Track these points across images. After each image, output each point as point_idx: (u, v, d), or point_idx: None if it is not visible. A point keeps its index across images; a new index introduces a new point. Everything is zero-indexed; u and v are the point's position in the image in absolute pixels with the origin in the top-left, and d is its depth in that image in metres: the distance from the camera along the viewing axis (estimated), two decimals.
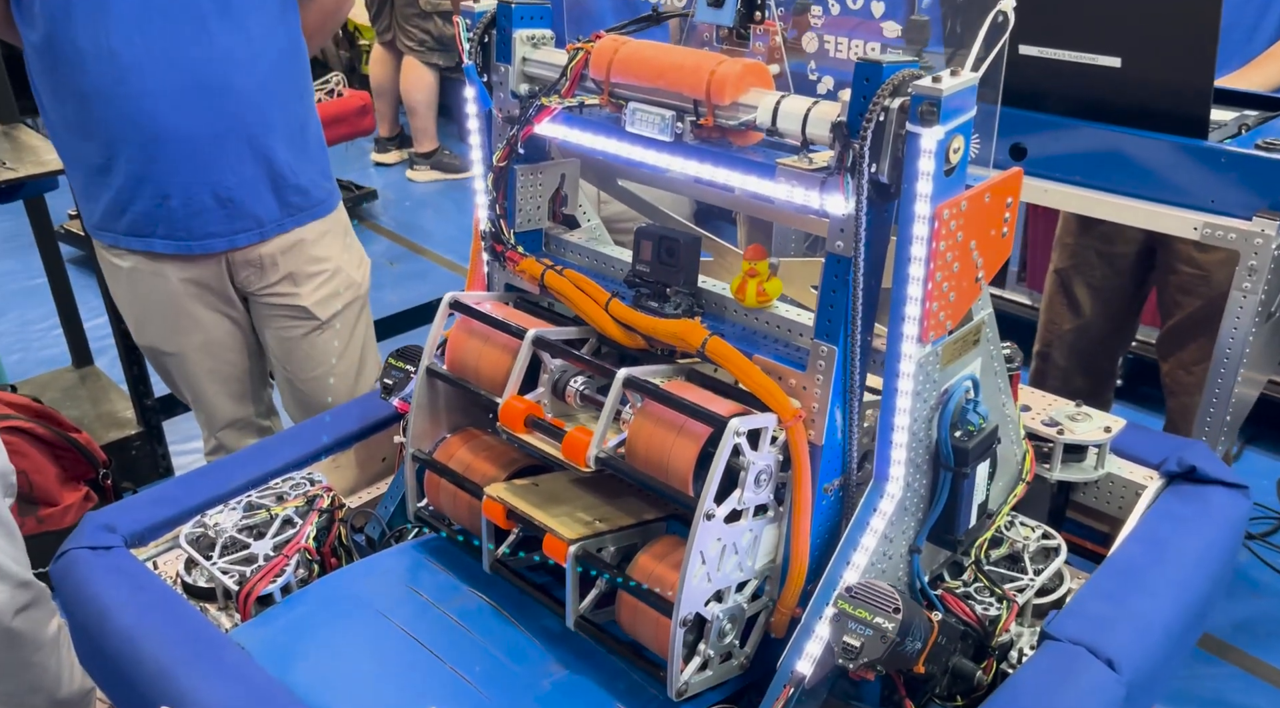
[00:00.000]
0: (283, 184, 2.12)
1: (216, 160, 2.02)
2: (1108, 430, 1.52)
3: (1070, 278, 2.77)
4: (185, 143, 1.98)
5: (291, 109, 2.11)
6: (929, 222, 1.09)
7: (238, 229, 2.10)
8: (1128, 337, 2.88)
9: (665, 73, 1.27)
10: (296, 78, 2.13)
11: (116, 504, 1.54)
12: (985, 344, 1.29)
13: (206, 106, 1.97)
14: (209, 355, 2.24)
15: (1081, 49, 1.71)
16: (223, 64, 1.96)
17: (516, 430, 1.36)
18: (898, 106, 1.07)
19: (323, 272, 2.23)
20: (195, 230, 2.08)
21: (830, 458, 1.25)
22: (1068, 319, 2.81)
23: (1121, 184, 1.74)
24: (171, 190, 2.02)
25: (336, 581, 1.45)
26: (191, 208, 2.05)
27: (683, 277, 1.36)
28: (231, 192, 2.05)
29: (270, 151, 2.07)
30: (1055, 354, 2.87)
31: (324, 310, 2.25)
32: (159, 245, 2.09)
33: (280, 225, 2.15)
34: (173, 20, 1.90)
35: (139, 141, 1.97)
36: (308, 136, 2.18)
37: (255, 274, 2.17)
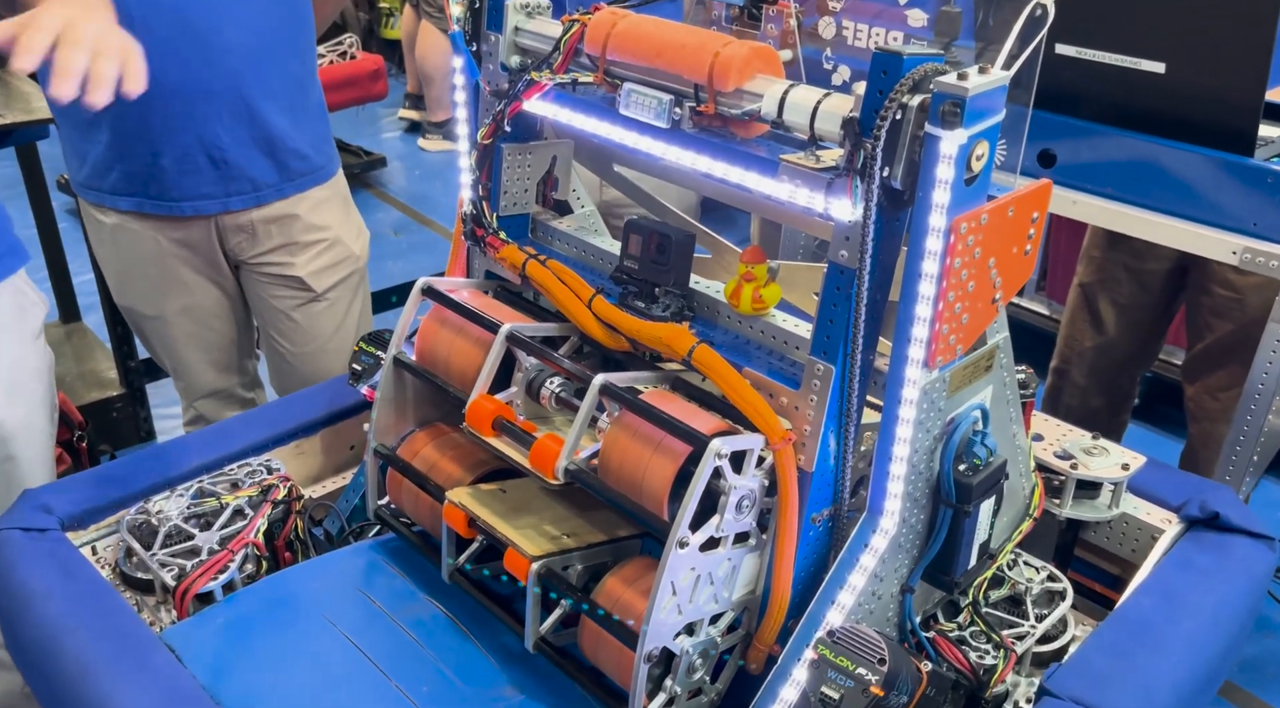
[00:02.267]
0: (280, 147, 2.01)
1: (210, 118, 1.91)
2: (1125, 467, 1.40)
3: (1095, 293, 2.64)
4: (178, 98, 1.88)
5: (290, 69, 2.00)
6: (944, 235, 0.98)
7: (231, 191, 2.00)
8: (1150, 357, 2.75)
9: (665, 52, 1.15)
10: (297, 37, 2.02)
11: (55, 483, 1.44)
12: (998, 370, 1.18)
13: (202, 62, 1.87)
14: (191, 321, 2.14)
15: (1123, 52, 1.59)
16: (220, 18, 1.86)
17: (483, 433, 1.25)
18: (917, 104, 0.96)
19: (320, 241, 2.13)
20: (187, 190, 1.97)
21: (820, 486, 1.14)
22: (1089, 336, 2.68)
23: (1157, 200, 1.62)
24: (163, 147, 1.92)
25: (283, 580, 1.35)
26: (183, 167, 1.95)
27: (673, 277, 1.25)
28: (226, 152, 1.95)
29: (267, 112, 1.97)
30: (1073, 372, 2.75)
31: (320, 282, 2.15)
32: (148, 206, 1.99)
33: (279, 191, 2.04)
34: None
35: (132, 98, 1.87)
36: (308, 99, 2.07)
37: (247, 241, 2.07)
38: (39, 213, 3.43)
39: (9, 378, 1.66)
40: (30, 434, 1.71)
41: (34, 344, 1.71)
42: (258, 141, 1.98)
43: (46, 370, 1.75)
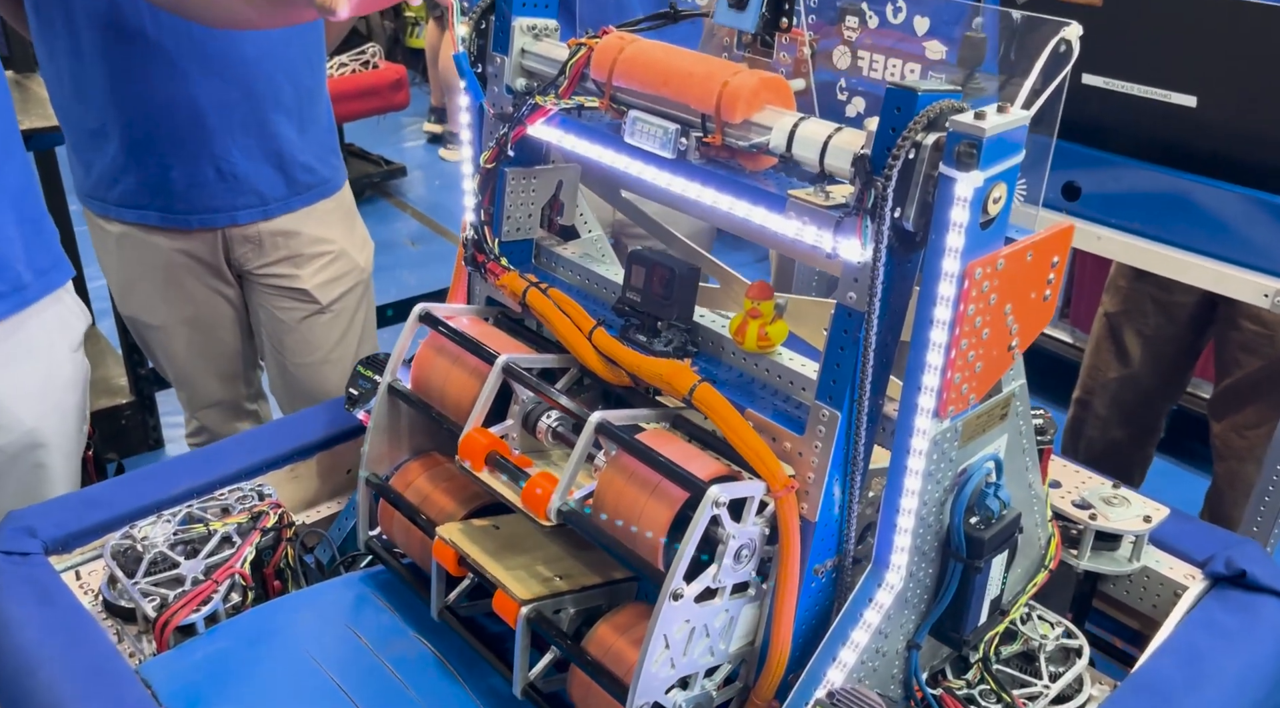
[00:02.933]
0: (288, 160, 1.99)
1: (220, 131, 1.90)
2: (1147, 520, 1.34)
3: (1121, 324, 2.58)
4: (188, 111, 1.86)
5: (301, 81, 1.98)
6: (957, 280, 0.93)
7: (239, 205, 1.98)
8: (1177, 391, 2.68)
9: (671, 80, 1.11)
10: (308, 49, 2.00)
11: (41, 505, 1.41)
12: (1014, 419, 1.13)
13: (212, 74, 1.85)
14: (195, 331, 2.12)
15: (1152, 84, 1.53)
16: (232, 33, 1.83)
17: (475, 468, 1.21)
18: (932, 143, 0.91)
19: (326, 254, 2.10)
20: (195, 204, 1.95)
21: (824, 536, 1.09)
22: (1113, 368, 2.62)
23: (1185, 237, 1.55)
24: (172, 160, 1.90)
25: (268, 613, 1.31)
26: (192, 180, 1.93)
27: (676, 311, 1.21)
28: (235, 165, 1.93)
29: (276, 125, 1.95)
30: (1096, 403, 2.68)
31: (325, 294, 2.12)
32: (154, 217, 1.97)
33: (286, 204, 2.02)
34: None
35: (138, 108, 1.85)
36: (317, 112, 2.05)
37: (253, 251, 2.04)
38: (56, 218, 3.41)
39: (45, 388, 1.67)
40: (61, 443, 1.72)
41: (72, 356, 1.72)
42: (266, 155, 1.96)
43: (82, 381, 1.76)
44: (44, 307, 1.65)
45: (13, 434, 1.63)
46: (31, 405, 1.64)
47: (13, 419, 1.63)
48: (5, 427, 1.62)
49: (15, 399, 1.63)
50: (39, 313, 1.64)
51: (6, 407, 1.62)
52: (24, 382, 1.63)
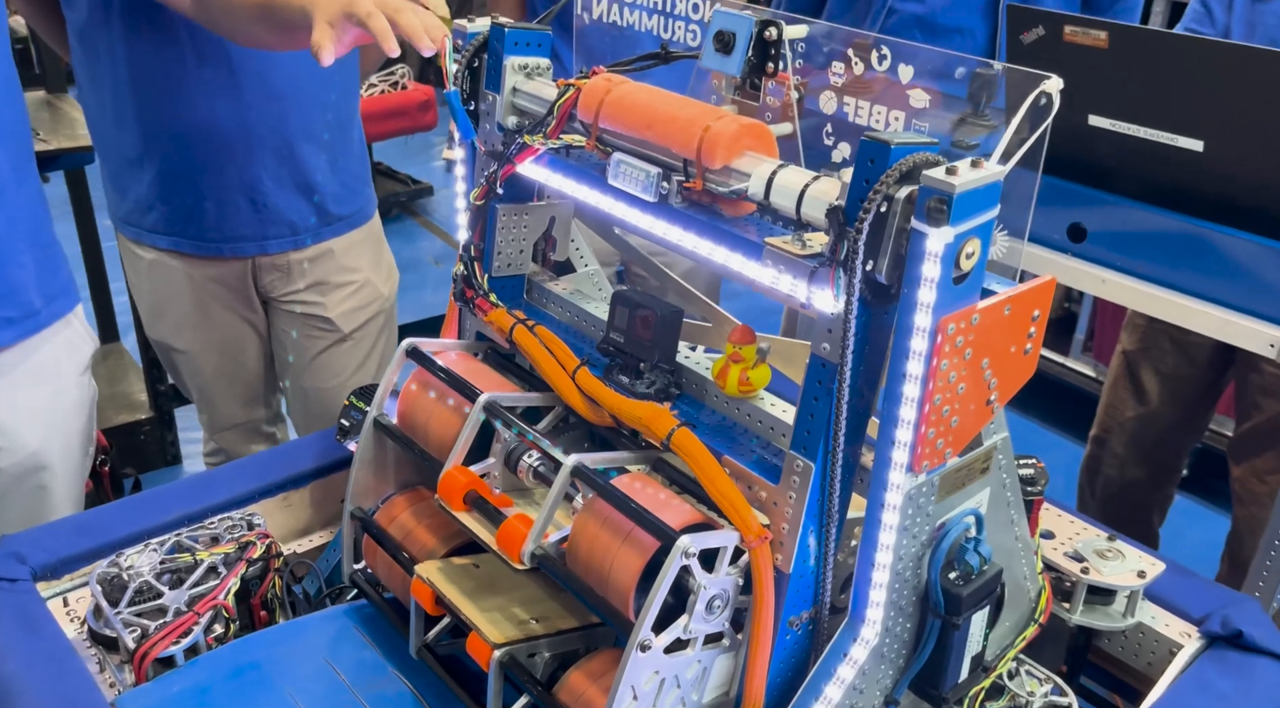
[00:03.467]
0: (319, 191, 2.01)
1: (253, 161, 1.92)
2: (1142, 575, 1.31)
3: (1138, 363, 2.54)
4: (223, 140, 1.88)
5: (335, 114, 2.00)
6: (929, 335, 0.91)
7: (269, 234, 2.00)
8: (1196, 431, 2.63)
9: (655, 124, 1.10)
10: (344, 80, 2.02)
11: (30, 531, 1.42)
12: (996, 472, 1.10)
13: (248, 106, 1.87)
14: (221, 356, 2.14)
15: (1159, 127, 1.50)
16: (267, 62, 1.86)
17: (453, 507, 1.20)
18: (904, 197, 0.89)
19: (351, 283, 2.12)
20: (226, 232, 1.98)
21: (799, 588, 1.07)
22: (1131, 406, 2.57)
23: (1190, 283, 1.52)
24: (205, 190, 1.93)
25: (248, 646, 1.30)
26: (224, 209, 1.95)
27: (657, 354, 1.20)
28: (267, 195, 1.95)
29: (309, 156, 1.97)
30: (1113, 441, 2.63)
31: (348, 323, 2.14)
32: (186, 245, 1.99)
33: (316, 234, 2.05)
34: None
35: (175, 137, 1.88)
36: (350, 142, 2.07)
37: (281, 279, 2.06)
38: (84, 234, 3.49)
39: (51, 411, 1.69)
40: (65, 466, 1.73)
41: (78, 379, 1.74)
42: (299, 185, 1.98)
43: (88, 405, 1.78)
44: (54, 331, 1.67)
45: (17, 456, 1.65)
46: (37, 428, 1.66)
47: (18, 442, 1.65)
48: (10, 449, 1.64)
49: (21, 422, 1.64)
50: (49, 338, 1.66)
51: (12, 429, 1.64)
52: (30, 405, 1.65)
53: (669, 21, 1.28)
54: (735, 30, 1.12)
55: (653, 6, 1.29)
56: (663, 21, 1.29)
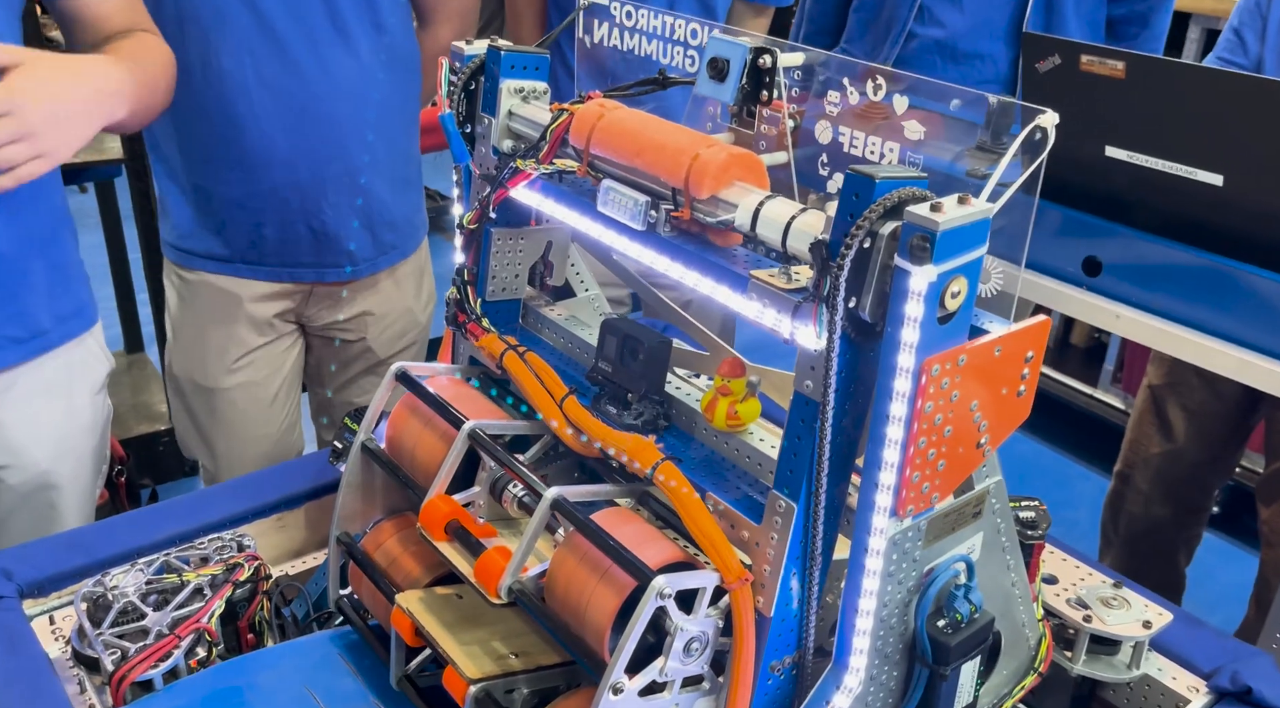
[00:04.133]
0: (378, 221, 1.99)
1: (315, 191, 1.90)
2: (1147, 625, 1.25)
3: (1165, 397, 2.47)
4: (285, 171, 1.87)
5: (397, 142, 1.99)
6: (913, 376, 0.88)
7: (327, 263, 1.98)
8: (1225, 470, 2.55)
9: (644, 151, 1.08)
10: (406, 111, 2.01)
11: (19, 547, 1.41)
12: (990, 516, 1.06)
13: (311, 135, 1.86)
14: (247, 398, 2.07)
15: (1178, 160, 1.46)
16: (331, 90, 1.85)
17: (434, 537, 1.18)
18: (888, 233, 0.86)
19: (393, 312, 2.11)
20: (286, 259, 1.96)
21: (782, 632, 1.04)
22: (1156, 442, 2.50)
23: (1208, 321, 1.47)
24: (266, 218, 1.91)
25: (228, 672, 1.29)
26: (285, 235, 1.93)
27: (644, 385, 1.17)
28: (326, 224, 1.93)
29: (370, 186, 1.95)
30: (1137, 478, 2.56)
31: (386, 351, 2.13)
32: (245, 271, 1.97)
33: (373, 264, 2.02)
34: (285, 44, 1.80)
35: (239, 166, 1.87)
36: (410, 172, 2.06)
37: (329, 308, 2.05)
38: (111, 244, 3.53)
39: (62, 430, 1.67)
40: (74, 486, 1.72)
41: (91, 399, 1.72)
42: (358, 214, 1.96)
43: (101, 425, 1.76)
44: (66, 351, 1.66)
45: (26, 474, 1.64)
46: (47, 447, 1.65)
47: (27, 460, 1.64)
48: (19, 467, 1.64)
49: (31, 440, 1.63)
50: (60, 357, 1.65)
51: (21, 447, 1.63)
52: (40, 423, 1.64)
53: (668, 47, 1.26)
54: (729, 57, 1.10)
55: (653, 31, 1.27)
56: (662, 47, 1.27)
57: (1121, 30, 2.31)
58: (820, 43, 2.49)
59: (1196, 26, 3.54)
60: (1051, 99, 1.58)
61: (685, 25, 1.23)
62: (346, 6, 1.83)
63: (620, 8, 1.30)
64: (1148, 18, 2.30)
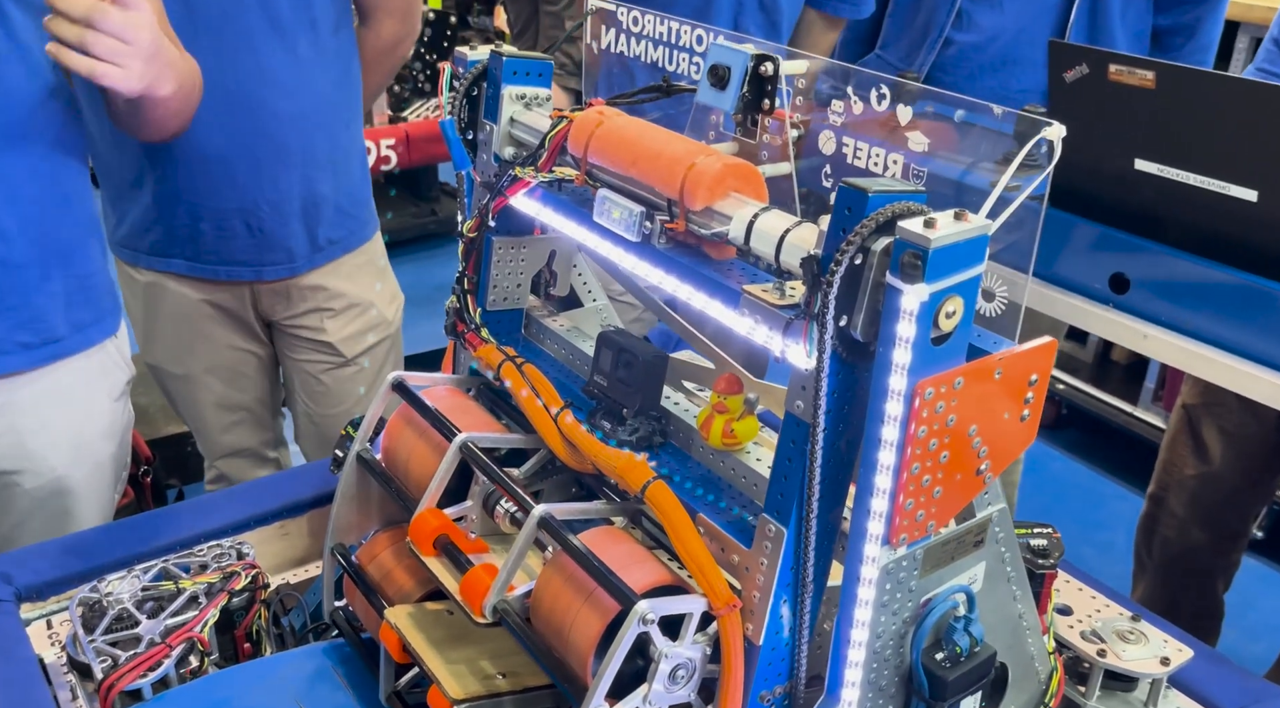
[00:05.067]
0: (318, 217, 1.98)
1: (251, 186, 1.90)
2: (1165, 662, 1.20)
3: (1200, 417, 2.39)
4: (221, 165, 1.87)
5: (337, 139, 1.98)
6: (905, 399, 0.84)
7: (266, 261, 1.97)
8: (1265, 493, 2.46)
9: (640, 160, 1.05)
10: (345, 107, 2.00)
11: (19, 551, 1.41)
12: (993, 546, 1.02)
13: (246, 129, 1.86)
14: (219, 381, 2.11)
15: (1209, 174, 1.40)
16: (267, 87, 1.84)
17: (423, 552, 1.16)
18: (881, 249, 0.82)
19: (353, 307, 2.09)
20: (224, 256, 1.96)
21: (772, 661, 1.00)
22: (1191, 464, 2.42)
23: (1238, 341, 1.41)
24: (203, 213, 1.91)
25: (219, 682, 1.27)
26: (222, 232, 1.93)
27: (639, 400, 1.14)
28: (264, 221, 1.93)
29: (308, 182, 1.94)
30: (1171, 501, 2.48)
31: (351, 348, 2.11)
32: (184, 267, 1.97)
33: (310, 260, 2.02)
34: (219, 38, 1.79)
35: (173, 159, 1.87)
36: (351, 168, 2.04)
37: (281, 303, 2.05)
38: None
39: (79, 438, 1.67)
40: (91, 493, 1.72)
41: (110, 406, 1.72)
42: (296, 212, 1.96)
43: (120, 431, 1.76)
44: (83, 358, 1.65)
45: (41, 479, 1.64)
46: (62, 452, 1.65)
47: (42, 465, 1.64)
48: (34, 471, 1.63)
49: (45, 445, 1.63)
50: (76, 364, 1.65)
51: (36, 452, 1.63)
52: (56, 428, 1.64)
53: (673, 53, 1.23)
54: (730, 64, 1.07)
55: (658, 38, 1.24)
56: (667, 53, 1.24)
57: (1167, 42, 2.23)
58: (854, 50, 2.44)
59: (1245, 35, 3.44)
60: (1079, 110, 1.54)
61: (691, 31, 1.20)
62: (281, 2, 1.81)
63: (627, 13, 1.27)
64: (1194, 29, 2.22)
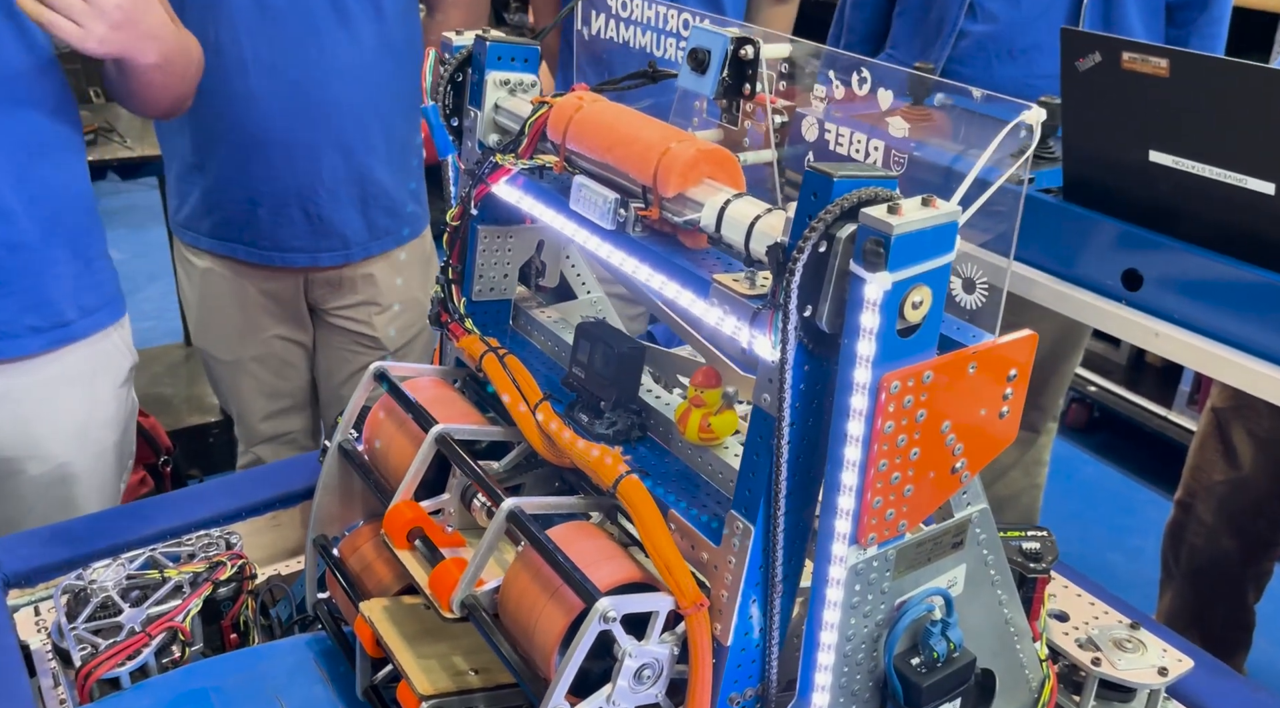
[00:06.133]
0: (374, 205, 2.00)
1: (310, 172, 1.92)
2: (1163, 672, 1.15)
3: (1229, 421, 2.32)
4: (280, 150, 1.89)
5: (396, 129, 1.99)
6: (870, 392, 0.80)
7: (322, 247, 1.99)
8: None
9: (615, 147, 1.02)
10: (406, 96, 2.01)
11: (8, 537, 1.41)
12: (974, 547, 0.98)
13: (307, 115, 1.87)
14: (265, 369, 2.14)
15: (1226, 166, 1.34)
16: (329, 73, 1.86)
17: (396, 545, 1.14)
18: (846, 236, 0.79)
19: (400, 301, 2.10)
20: (280, 242, 1.98)
21: (741, 662, 0.97)
22: (1219, 469, 2.35)
23: (1256, 341, 1.35)
24: (261, 197, 1.93)
25: (198, 672, 1.26)
26: (278, 218, 1.95)
27: (615, 393, 1.11)
28: (321, 207, 1.95)
29: (366, 170, 1.96)
30: (1199, 507, 2.41)
31: (394, 342, 2.14)
32: (241, 252, 2.01)
33: (365, 249, 2.04)
34: (284, 24, 1.81)
35: (234, 143, 1.90)
36: (408, 159, 2.06)
37: (332, 292, 2.06)
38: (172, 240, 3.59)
39: (82, 425, 1.68)
40: (94, 480, 1.73)
41: (114, 393, 1.73)
42: (353, 199, 1.97)
43: (124, 419, 1.77)
44: (88, 344, 1.66)
45: (45, 466, 1.65)
46: (65, 440, 1.66)
47: (46, 451, 1.64)
48: (37, 457, 1.64)
49: (48, 432, 1.64)
50: (82, 349, 1.65)
51: (38, 437, 1.63)
52: (60, 414, 1.65)
53: (661, 38, 1.20)
54: (710, 48, 1.04)
55: (646, 23, 1.21)
56: (656, 38, 1.21)
57: (1181, 16, 2.17)
58: (863, 51, 2.40)
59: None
60: (1092, 99, 1.48)
61: (678, 16, 1.17)
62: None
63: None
64: (1207, 1, 2.16)
